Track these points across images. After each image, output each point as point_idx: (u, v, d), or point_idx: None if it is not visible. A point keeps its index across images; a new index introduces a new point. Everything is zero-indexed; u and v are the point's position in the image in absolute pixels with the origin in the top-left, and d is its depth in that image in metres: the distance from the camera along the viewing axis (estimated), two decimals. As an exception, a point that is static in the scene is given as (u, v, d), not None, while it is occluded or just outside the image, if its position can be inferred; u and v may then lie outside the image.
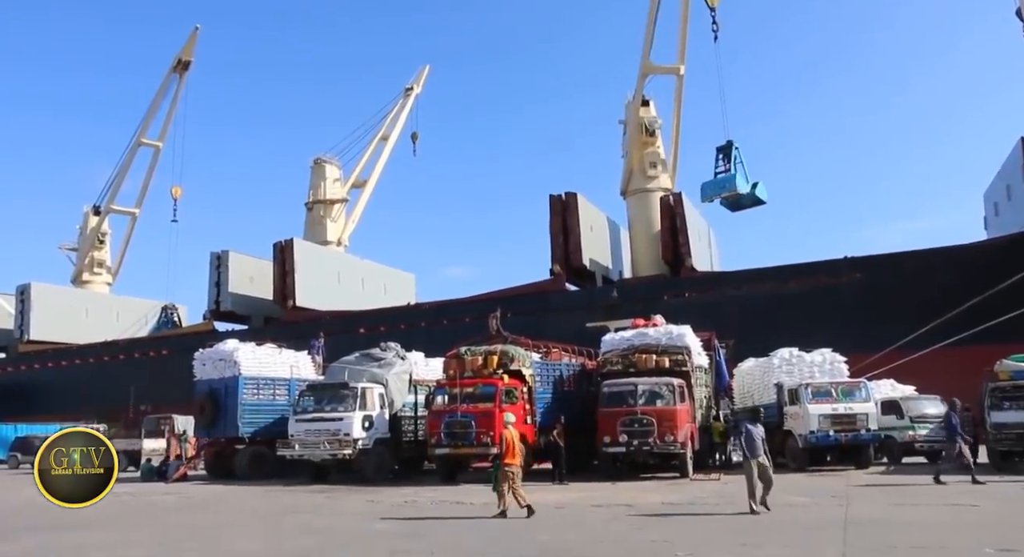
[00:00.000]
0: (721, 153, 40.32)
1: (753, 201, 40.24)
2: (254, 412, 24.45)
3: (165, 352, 49.79)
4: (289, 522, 13.02)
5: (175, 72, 58.67)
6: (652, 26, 43.05)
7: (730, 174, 39.65)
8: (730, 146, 40.16)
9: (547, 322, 34.98)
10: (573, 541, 10.13)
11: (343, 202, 58.29)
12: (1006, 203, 38.33)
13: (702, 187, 40.04)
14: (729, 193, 39.52)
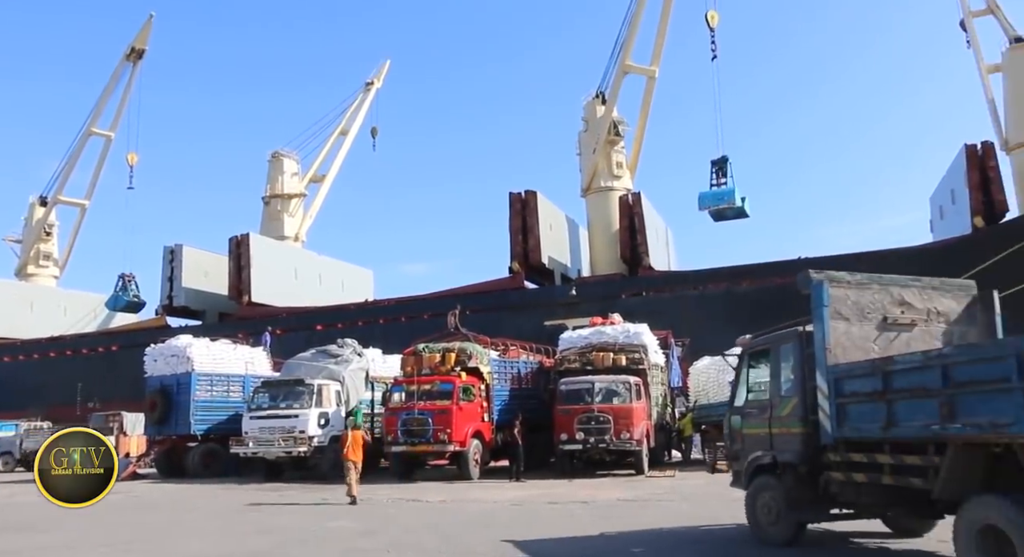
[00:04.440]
0: (716, 166, 41.03)
1: (738, 214, 40.93)
2: (207, 409, 24.07)
3: (115, 348, 48.59)
4: (242, 521, 12.83)
5: (128, 60, 57.15)
6: (636, 26, 43.27)
7: (729, 188, 40.44)
8: (725, 161, 40.91)
9: (506, 320, 34.98)
10: (528, 537, 10.15)
11: (301, 197, 57.49)
12: (950, 207, 39.44)
13: (700, 197, 40.62)
14: (727, 206, 40.21)
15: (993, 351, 6.57)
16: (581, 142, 45.38)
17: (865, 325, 8.41)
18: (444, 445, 19.36)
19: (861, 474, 7.72)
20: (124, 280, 54.76)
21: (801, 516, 8.74)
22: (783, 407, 8.96)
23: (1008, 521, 5.97)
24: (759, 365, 9.79)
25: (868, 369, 7.60)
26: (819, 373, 8.13)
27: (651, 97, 44.82)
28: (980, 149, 36.46)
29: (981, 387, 6.21)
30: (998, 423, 5.95)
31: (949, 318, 8.70)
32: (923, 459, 6.90)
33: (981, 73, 41.63)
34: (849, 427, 7.73)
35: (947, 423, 6.42)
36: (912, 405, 6.92)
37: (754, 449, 9.32)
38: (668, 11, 43.13)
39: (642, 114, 45.53)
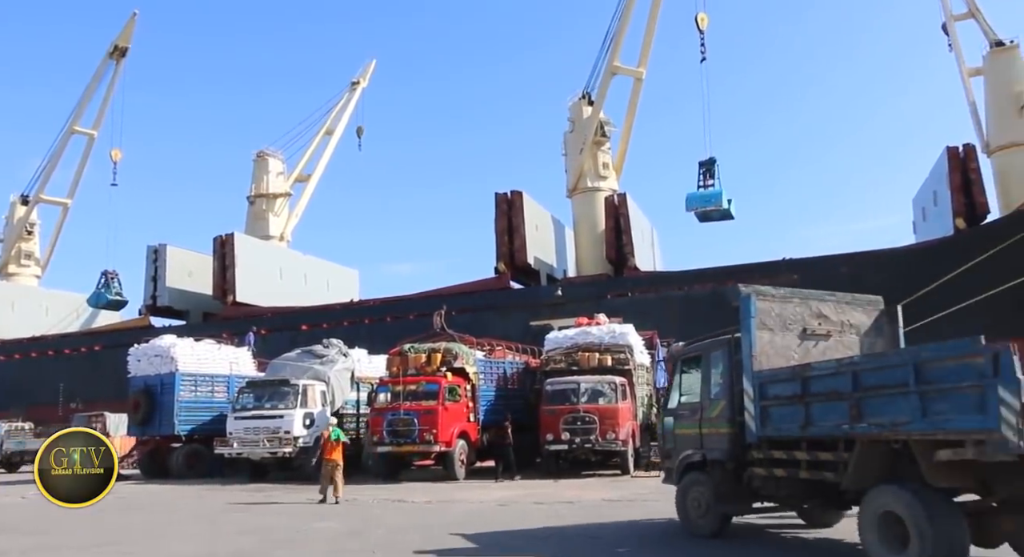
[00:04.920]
0: (703, 168, 41.17)
1: (723, 215, 41.11)
2: (191, 409, 23.93)
3: (98, 348, 48.22)
4: (227, 522, 12.78)
5: (111, 58, 56.64)
6: (624, 28, 43.36)
7: (717, 190, 40.64)
8: (712, 162, 41.07)
9: (491, 320, 35.00)
10: (514, 537, 10.18)
11: (286, 196, 57.21)
12: (933, 208, 39.85)
13: (687, 198, 40.75)
14: (714, 207, 40.37)
15: (895, 360, 7.51)
16: (567, 142, 45.45)
17: (787, 335, 9.19)
18: (430, 445, 19.35)
19: (781, 469, 8.48)
20: (107, 277, 54.26)
21: (727, 509, 9.53)
22: (712, 409, 9.66)
23: (903, 507, 6.80)
24: (691, 371, 10.54)
25: (789, 375, 8.38)
26: (746, 378, 8.87)
27: (638, 98, 45.01)
28: (962, 151, 36.88)
29: (884, 391, 7.03)
30: (897, 422, 6.81)
31: (860, 330, 9.55)
32: (835, 455, 7.67)
33: (963, 76, 42.14)
34: (771, 427, 8.49)
35: (855, 423, 7.25)
36: (826, 407, 7.70)
37: (685, 448, 10.08)
38: (656, 13, 43.32)
39: (628, 115, 45.70)
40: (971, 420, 6.21)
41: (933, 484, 6.78)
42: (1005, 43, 40.63)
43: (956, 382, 6.39)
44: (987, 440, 6.04)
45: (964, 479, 6.80)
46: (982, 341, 6.32)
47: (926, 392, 6.60)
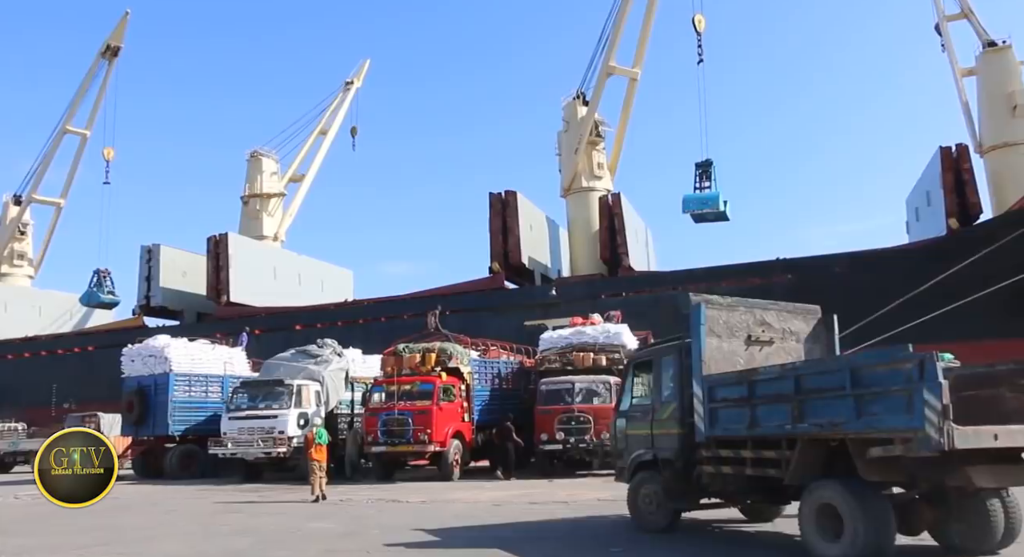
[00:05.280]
0: (700, 169, 41.16)
1: (719, 217, 41.15)
2: (185, 409, 23.92)
3: (91, 348, 48.05)
4: (220, 523, 12.76)
5: (104, 58, 56.39)
6: (620, 28, 43.36)
7: (714, 192, 40.67)
8: (709, 164, 41.09)
9: (486, 320, 34.98)
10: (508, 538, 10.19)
11: (280, 196, 57.09)
12: (926, 209, 39.94)
13: (684, 200, 40.72)
14: (711, 210, 40.41)
15: (833, 365, 8.27)
16: (561, 142, 45.44)
17: (733, 341, 9.72)
18: (424, 445, 19.37)
19: (728, 467, 9.00)
20: (99, 276, 54.04)
21: (677, 505, 10.06)
22: (663, 411, 10.18)
23: (839, 499, 7.43)
24: (642, 374, 11.08)
25: (736, 379, 8.99)
26: (695, 382, 9.37)
27: (633, 98, 45.05)
28: (955, 152, 36.99)
29: (823, 394, 7.67)
30: (835, 422, 7.42)
31: (800, 337, 10.19)
32: (778, 453, 8.20)
33: (956, 77, 42.24)
34: (719, 427, 9.02)
35: (797, 423, 7.83)
36: (770, 409, 8.29)
37: (637, 448, 10.57)
38: (652, 13, 43.35)
39: (623, 115, 45.73)
40: (900, 420, 6.81)
41: (866, 478, 7.36)
42: (998, 43, 40.74)
43: (887, 386, 7.01)
44: (913, 438, 6.63)
45: (893, 474, 7.42)
46: (910, 349, 6.98)
47: (861, 395, 7.19)
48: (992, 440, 6.67)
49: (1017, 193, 36.11)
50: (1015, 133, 38.89)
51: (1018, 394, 7.85)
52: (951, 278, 29.19)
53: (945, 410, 6.44)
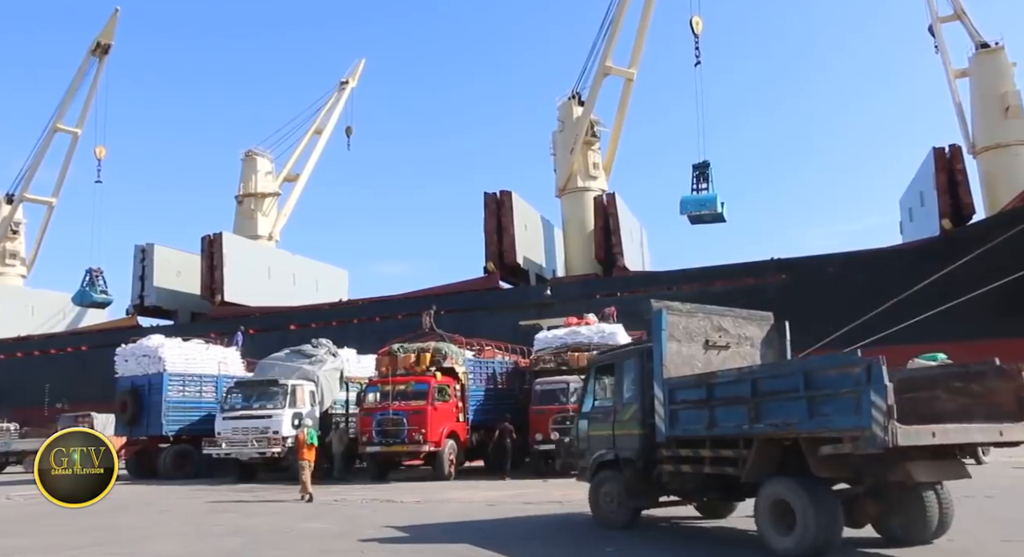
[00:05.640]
0: (697, 171, 41.33)
1: (716, 218, 41.25)
2: (179, 409, 23.85)
3: (84, 348, 47.96)
4: (214, 523, 12.73)
5: (94, 56, 56.09)
6: (617, 28, 43.40)
7: (712, 194, 40.80)
8: (706, 166, 41.22)
9: (481, 320, 35.02)
10: (506, 537, 10.20)
11: (275, 196, 57.06)
12: (920, 209, 40.12)
13: (682, 201, 40.89)
14: (708, 211, 40.50)
15: (787, 369, 8.80)
16: (556, 142, 45.49)
17: (692, 346, 10.14)
18: (419, 445, 19.34)
19: (688, 466, 9.39)
20: (92, 275, 53.88)
21: (638, 503, 10.43)
22: (625, 412, 10.52)
23: (792, 495, 7.89)
24: (604, 377, 11.47)
25: (696, 381, 9.41)
26: (657, 384, 9.74)
27: (628, 98, 45.13)
28: (948, 152, 37.16)
29: (779, 396, 8.11)
30: (789, 423, 7.87)
31: (754, 342, 10.67)
32: (735, 452, 8.61)
33: (949, 78, 42.44)
34: (680, 428, 9.41)
35: (754, 424, 8.25)
36: (728, 410, 8.70)
37: (598, 448, 10.88)
38: (648, 15, 43.43)
39: (619, 115, 45.81)
40: (848, 420, 7.26)
41: (817, 475, 7.85)
42: (991, 45, 40.96)
43: (837, 388, 7.48)
44: (861, 436, 7.09)
45: (841, 470, 7.93)
46: (859, 354, 7.58)
47: (813, 397, 7.67)
48: (931, 438, 7.25)
49: (1009, 194, 36.30)
50: (1007, 134, 39.10)
51: (952, 396, 8.53)
52: (944, 278, 29.31)
53: (890, 410, 6.91)
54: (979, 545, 8.72)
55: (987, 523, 10.33)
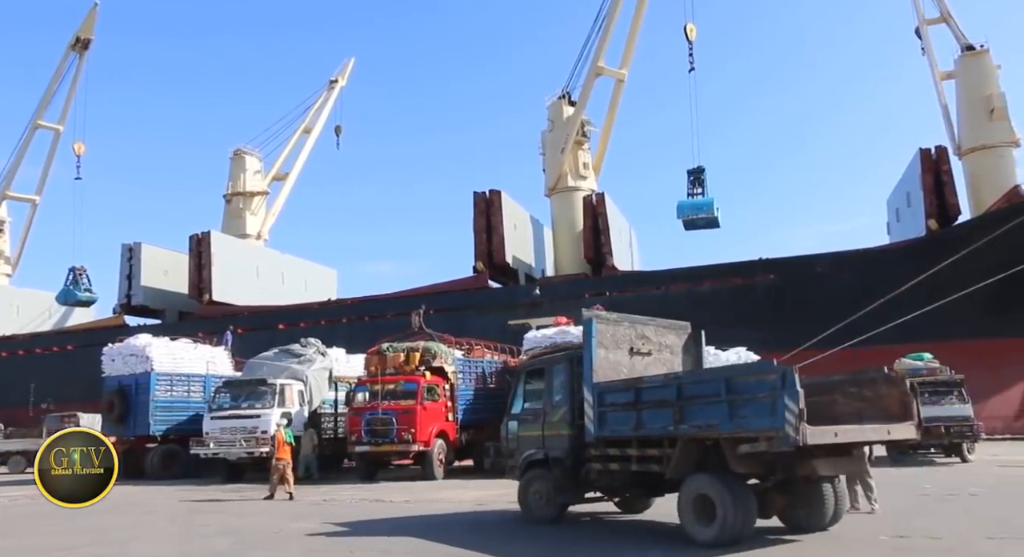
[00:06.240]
0: (692, 176, 41.54)
1: (710, 223, 41.41)
2: (166, 409, 23.73)
3: (70, 347, 47.58)
4: (202, 523, 12.68)
5: (74, 51, 55.41)
6: (610, 29, 43.40)
7: (708, 199, 41.00)
8: (701, 171, 41.44)
9: (470, 319, 34.97)
10: (494, 538, 10.22)
11: (263, 195, 56.73)
12: (906, 209, 40.37)
13: (678, 206, 41.01)
14: (705, 215, 40.67)
15: (710, 375, 9.81)
16: (545, 142, 45.46)
17: (618, 352, 10.78)
18: (408, 445, 19.34)
19: (616, 464, 10.01)
20: (75, 273, 53.41)
21: (565, 499, 11.04)
22: (554, 414, 11.12)
23: (712, 489, 8.61)
24: (534, 381, 12.02)
25: (624, 386, 10.05)
26: (586, 388, 10.35)
27: (619, 99, 45.17)
28: (934, 153, 37.41)
29: (702, 400, 8.86)
30: (711, 424, 8.64)
31: (673, 349, 11.48)
32: (660, 451, 9.30)
33: (935, 80, 42.71)
34: (608, 428, 10.02)
35: (678, 425, 8.99)
36: (655, 412, 9.39)
37: (528, 448, 11.45)
38: (640, 15, 43.50)
39: (609, 116, 45.82)
40: (764, 421, 8.06)
41: (735, 471, 8.63)
42: (976, 47, 41.25)
43: (755, 393, 8.28)
44: (775, 436, 7.90)
45: (756, 467, 8.77)
46: (775, 363, 8.41)
47: (733, 401, 8.45)
48: (833, 437, 8.28)
49: (994, 195, 36.60)
50: (992, 136, 39.39)
51: (848, 400, 9.39)
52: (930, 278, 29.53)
53: (801, 413, 7.72)
54: (964, 543, 8.85)
55: (972, 521, 10.47)
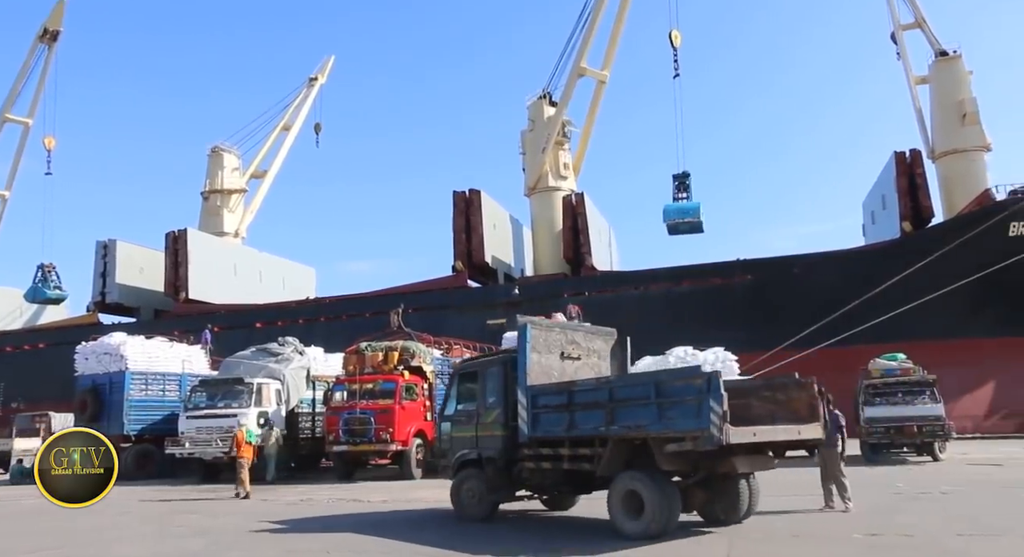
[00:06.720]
0: (677, 181, 41.75)
1: (693, 228, 41.64)
2: (141, 409, 23.48)
3: (42, 345, 46.92)
4: (177, 523, 12.57)
5: (42, 42, 54.47)
6: (593, 30, 43.47)
7: (695, 203, 41.22)
8: (687, 176, 41.68)
9: (448, 319, 34.96)
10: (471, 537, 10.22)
11: (241, 192, 56.27)
12: (881, 212, 40.91)
13: (665, 210, 41.12)
14: (691, 219, 40.87)
15: (640, 379, 10.49)
16: (525, 141, 45.45)
17: (550, 357, 11.23)
18: (386, 444, 19.29)
19: (548, 463, 10.48)
20: (44, 271, 52.65)
21: (497, 497, 11.41)
22: (488, 415, 11.49)
23: (641, 486, 9.12)
24: (467, 384, 12.37)
25: (557, 389, 10.53)
26: (521, 390, 10.74)
27: (600, 100, 45.31)
28: (909, 156, 37.96)
29: (632, 402, 9.36)
30: (641, 425, 9.14)
31: (601, 354, 12.02)
32: (592, 450, 9.75)
33: (910, 84, 43.27)
34: (541, 429, 10.45)
35: (610, 426, 9.46)
36: (587, 414, 9.87)
37: (461, 448, 11.83)
38: (623, 18, 43.62)
39: (589, 116, 45.93)
40: (691, 422, 8.58)
41: (662, 469, 9.13)
42: (949, 53, 41.85)
43: (683, 396, 8.82)
44: (701, 436, 8.42)
45: (682, 464, 9.24)
46: (701, 368, 9.17)
47: (662, 403, 8.95)
48: (752, 436, 8.85)
49: (966, 198, 37.18)
50: (964, 140, 39.98)
51: (762, 403, 9.87)
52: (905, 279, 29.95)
53: (725, 415, 8.25)
54: (934, 540, 8.99)
55: (942, 519, 10.63)
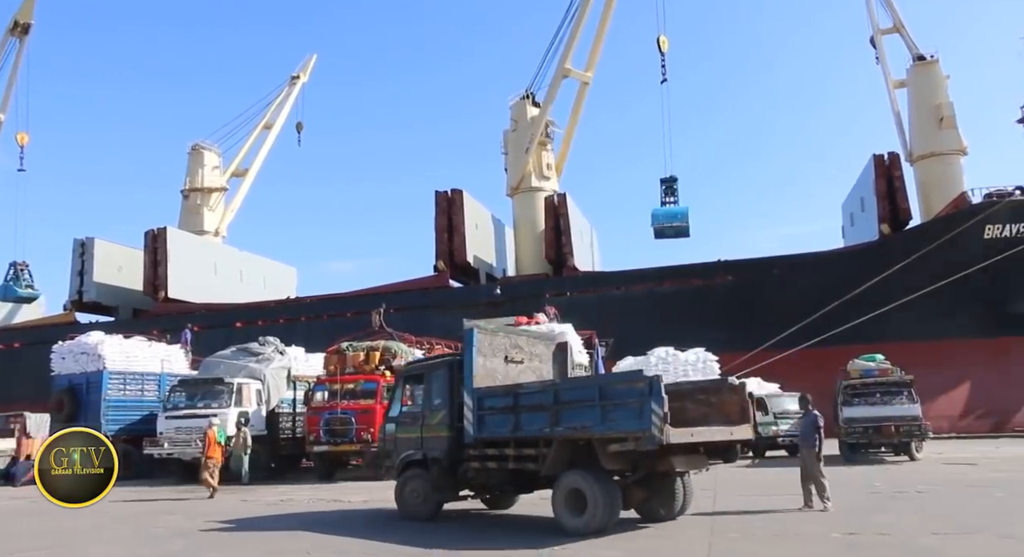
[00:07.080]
0: (665, 185, 42.08)
1: (679, 232, 41.87)
2: (119, 409, 23.21)
3: (17, 345, 46.30)
4: (156, 525, 12.46)
5: (13, 35, 53.66)
6: (578, 31, 43.54)
7: (683, 208, 41.58)
8: (674, 180, 42.02)
9: (430, 319, 34.87)
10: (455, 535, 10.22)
11: (222, 191, 55.83)
12: (860, 214, 41.35)
13: (653, 214, 41.43)
14: (679, 223, 41.11)
15: (585, 382, 11.36)
16: (508, 142, 45.48)
17: (495, 360, 11.50)
18: (367, 445, 19.21)
19: (493, 463, 10.73)
20: (16, 269, 51.96)
21: (441, 497, 11.64)
22: (433, 417, 11.68)
23: (585, 484, 9.50)
24: (412, 386, 12.61)
25: (504, 391, 10.80)
26: (467, 392, 10.98)
27: (583, 101, 45.46)
28: (887, 159, 38.40)
29: (577, 404, 9.78)
30: (585, 426, 9.53)
31: (543, 358, 12.36)
32: (537, 451, 10.07)
33: (888, 88, 43.76)
34: (487, 430, 10.70)
35: (555, 427, 9.82)
36: (532, 415, 10.19)
37: (406, 448, 11.98)
38: (607, 19, 43.75)
39: (572, 117, 46.07)
40: (633, 423, 8.96)
41: (605, 468, 9.49)
42: (927, 57, 42.36)
43: (625, 399, 9.20)
44: (642, 436, 8.83)
45: (624, 464, 9.61)
46: (643, 372, 9.56)
47: (606, 405, 9.33)
48: (690, 437, 9.33)
49: (943, 200, 37.68)
50: (941, 144, 40.49)
51: (696, 405, 10.28)
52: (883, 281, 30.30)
53: (665, 416, 8.67)
54: (910, 538, 9.09)
55: (918, 517, 10.76)
